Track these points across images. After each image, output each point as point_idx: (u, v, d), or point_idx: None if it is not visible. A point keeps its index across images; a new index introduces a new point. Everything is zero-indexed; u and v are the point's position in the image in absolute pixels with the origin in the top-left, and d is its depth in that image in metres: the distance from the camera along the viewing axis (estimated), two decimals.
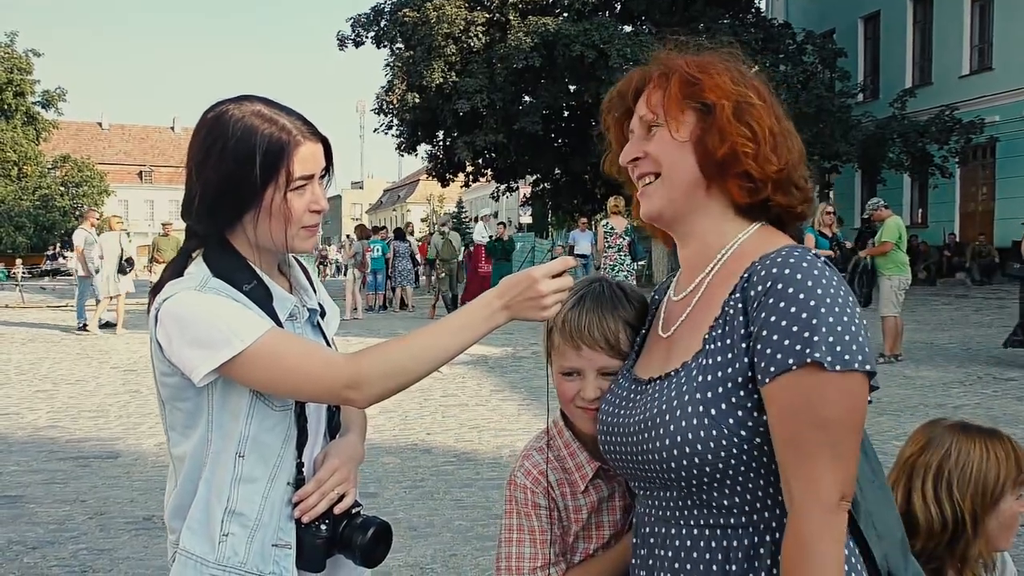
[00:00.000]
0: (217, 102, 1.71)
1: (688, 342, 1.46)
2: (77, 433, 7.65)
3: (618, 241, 13.39)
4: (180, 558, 1.68)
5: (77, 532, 5.07)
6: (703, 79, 1.46)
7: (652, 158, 1.50)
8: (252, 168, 1.62)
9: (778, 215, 1.50)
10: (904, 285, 11.86)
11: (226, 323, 1.57)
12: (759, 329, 1.31)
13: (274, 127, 1.66)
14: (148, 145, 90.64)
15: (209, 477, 1.67)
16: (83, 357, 12.56)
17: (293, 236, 1.69)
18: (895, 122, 24.71)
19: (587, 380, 1.64)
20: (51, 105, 53.15)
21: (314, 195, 1.70)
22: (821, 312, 1.26)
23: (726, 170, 1.44)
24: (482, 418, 8.03)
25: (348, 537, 1.68)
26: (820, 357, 1.24)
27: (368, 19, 27.60)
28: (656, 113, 1.49)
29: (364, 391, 1.58)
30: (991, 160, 25.94)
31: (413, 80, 25.46)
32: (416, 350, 1.60)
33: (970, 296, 20.00)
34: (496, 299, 1.59)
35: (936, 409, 7.69)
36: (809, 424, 1.26)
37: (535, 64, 23.81)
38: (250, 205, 1.66)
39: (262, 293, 1.69)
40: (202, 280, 1.65)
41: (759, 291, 1.33)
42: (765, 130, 1.44)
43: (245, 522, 1.65)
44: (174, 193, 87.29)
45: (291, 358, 1.58)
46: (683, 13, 25.40)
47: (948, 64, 27.18)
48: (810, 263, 1.32)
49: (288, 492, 1.68)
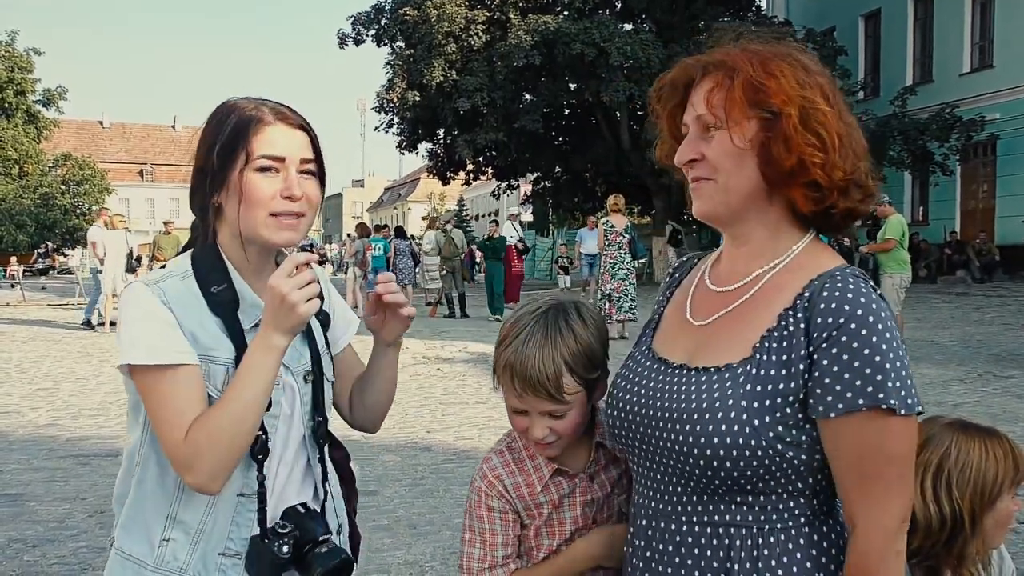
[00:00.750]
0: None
1: (729, 343, 1.44)
2: (78, 431, 7.65)
3: (618, 239, 13.39)
4: (116, 557, 1.66)
5: (77, 530, 5.07)
6: (769, 84, 1.39)
7: (710, 163, 1.44)
8: (215, 146, 1.62)
9: (839, 220, 1.47)
10: (905, 283, 11.86)
11: (134, 333, 1.57)
12: (828, 362, 1.33)
13: (247, 110, 1.64)
14: (149, 143, 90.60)
15: (143, 478, 1.64)
16: (84, 355, 12.56)
17: (258, 222, 1.61)
18: (896, 120, 24.70)
19: (534, 422, 1.63)
20: (52, 104, 53.17)
21: (287, 181, 1.62)
22: (890, 357, 1.32)
23: (793, 180, 1.40)
24: (482, 416, 8.03)
25: (309, 563, 1.62)
26: (894, 404, 1.31)
27: (369, 17, 27.62)
28: (717, 115, 1.42)
29: (198, 475, 1.53)
30: (992, 158, 25.91)
31: (414, 78, 25.48)
32: (235, 413, 1.53)
33: (971, 294, 19.99)
34: (263, 328, 1.56)
35: (936, 407, 7.68)
36: (879, 460, 1.34)
37: (535, 62, 23.82)
38: (217, 187, 1.63)
39: (228, 297, 1.64)
40: (162, 276, 1.64)
41: (828, 323, 1.34)
42: (833, 136, 1.40)
43: (187, 529, 1.61)
44: (175, 191, 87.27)
45: (162, 410, 1.55)
46: (684, 11, 25.41)
47: (949, 62, 27.15)
48: (872, 297, 1.35)
49: (241, 503, 1.63)
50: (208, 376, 1.59)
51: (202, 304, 1.62)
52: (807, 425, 1.36)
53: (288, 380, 1.68)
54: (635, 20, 27.21)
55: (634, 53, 23.06)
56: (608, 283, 13.49)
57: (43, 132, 53.72)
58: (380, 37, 27.78)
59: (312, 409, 1.73)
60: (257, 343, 1.56)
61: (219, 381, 1.59)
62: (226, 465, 1.54)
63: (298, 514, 1.66)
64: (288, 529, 1.62)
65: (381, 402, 1.91)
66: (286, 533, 1.61)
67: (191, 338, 1.58)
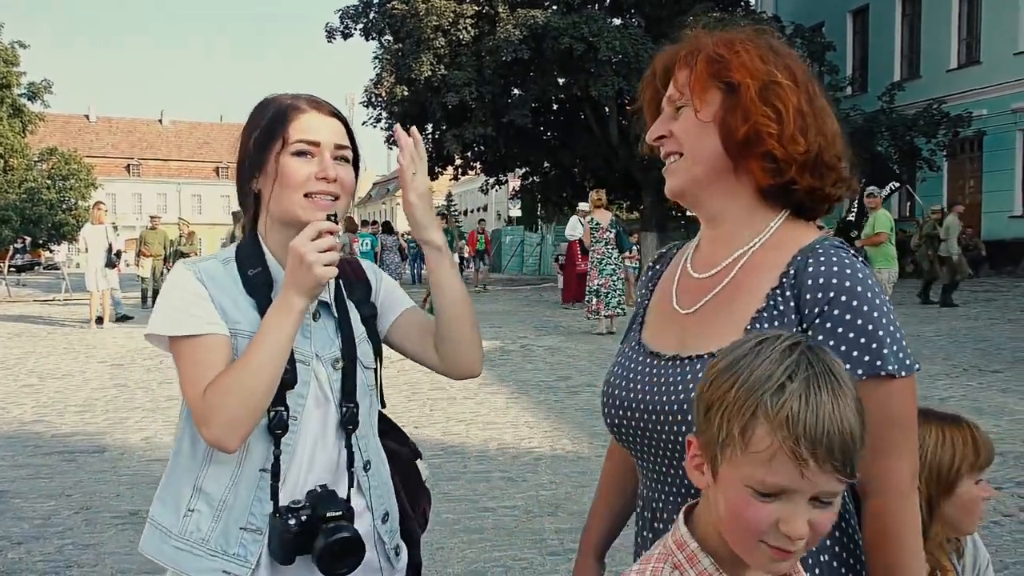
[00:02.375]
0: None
1: (719, 328, 1.44)
2: (63, 428, 7.62)
3: (604, 235, 13.41)
4: (149, 526, 1.74)
5: (63, 527, 5.05)
6: (729, 58, 1.44)
7: (676, 137, 1.50)
8: (254, 132, 1.73)
9: (804, 199, 1.48)
10: (893, 278, 11.93)
11: (169, 306, 1.69)
12: (823, 338, 1.35)
13: (284, 101, 1.75)
14: (136, 138, 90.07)
15: (178, 451, 1.74)
16: (69, 351, 12.49)
17: (295, 203, 1.69)
18: (883, 116, 24.80)
19: (797, 509, 1.10)
20: (37, 97, 52.74)
21: (322, 164, 1.70)
22: (883, 323, 1.35)
23: (748, 150, 1.43)
24: (469, 411, 8.03)
25: (314, 537, 1.65)
26: (892, 369, 1.34)
27: (357, 11, 27.53)
28: (682, 92, 1.48)
29: (213, 427, 1.58)
30: (978, 154, 26.03)
31: (402, 73, 25.40)
32: (250, 366, 1.60)
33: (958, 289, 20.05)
34: (282, 291, 1.65)
35: (922, 401, 7.62)
36: (884, 425, 1.34)
37: (524, 57, 23.78)
38: (256, 172, 1.73)
39: (262, 280, 1.72)
40: (203, 259, 1.76)
41: (819, 298, 1.36)
42: (791, 110, 1.42)
43: (211, 501, 1.67)
44: (162, 186, 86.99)
45: (188, 372, 1.65)
46: (673, 6, 25.38)
47: (936, 58, 27.25)
48: (857, 266, 1.38)
49: (263, 478, 1.67)
50: (236, 349, 1.66)
51: (238, 285, 1.72)
52: None
53: (316, 366, 1.73)
54: (624, 15, 27.18)
55: (623, 48, 23.05)
56: (596, 279, 13.53)
57: (28, 126, 53.25)
58: (368, 31, 27.68)
59: (342, 396, 1.76)
60: (276, 304, 1.65)
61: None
62: (242, 420, 1.59)
63: (315, 494, 1.70)
64: (300, 506, 1.66)
65: (457, 328, 1.82)
66: (298, 509, 1.65)
67: (221, 312, 1.68)
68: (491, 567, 4.41)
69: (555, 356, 11.50)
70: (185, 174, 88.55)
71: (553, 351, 11.93)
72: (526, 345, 12.58)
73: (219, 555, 1.65)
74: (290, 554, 1.65)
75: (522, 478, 5.95)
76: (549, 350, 12.04)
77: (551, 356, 11.50)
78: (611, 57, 23.17)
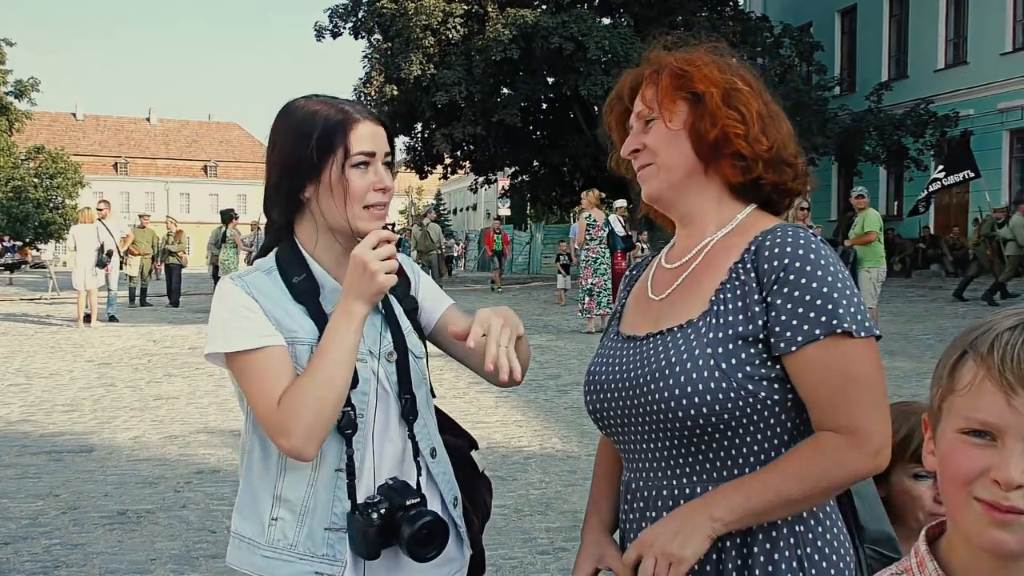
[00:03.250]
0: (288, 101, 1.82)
1: (688, 303, 1.54)
2: (51, 427, 7.58)
3: (599, 233, 13.41)
4: (233, 540, 1.76)
5: (50, 527, 5.02)
6: (692, 71, 1.56)
7: (649, 148, 1.59)
8: (309, 143, 1.71)
9: (771, 194, 1.60)
10: (881, 277, 11.97)
11: (222, 322, 1.70)
12: (782, 302, 1.42)
13: (333, 109, 1.75)
14: (124, 136, 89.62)
15: (249, 464, 1.76)
16: (57, 351, 12.43)
17: (355, 215, 1.72)
18: (871, 115, 24.90)
19: (1011, 451, 0.96)
20: (24, 95, 52.44)
21: (377, 175, 1.74)
22: (837, 287, 1.41)
23: (719, 151, 1.54)
24: (459, 411, 8.02)
25: (398, 526, 1.68)
26: (848, 327, 1.39)
27: (346, 10, 27.48)
28: (651, 107, 1.58)
29: (292, 438, 1.61)
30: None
31: (391, 72, 25.37)
32: (321, 376, 1.63)
33: (944, 288, 20.17)
34: (343, 298, 1.67)
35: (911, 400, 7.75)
36: (845, 380, 1.39)
37: (513, 56, 23.77)
38: (309, 181, 1.73)
39: (309, 286, 1.75)
40: (247, 271, 1.77)
41: (775, 266, 1.44)
42: (753, 113, 1.54)
43: (293, 507, 1.70)
44: (150, 185, 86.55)
45: (254, 385, 1.67)
46: (661, 6, 25.45)
47: (923, 58, 27.38)
48: (811, 240, 1.47)
49: (339, 478, 1.70)
50: (295, 357, 1.69)
51: (286, 294, 1.74)
52: (772, 363, 1.43)
53: (372, 363, 1.76)
54: (613, 14, 27.22)
55: (612, 47, 23.07)
56: (590, 278, 13.52)
57: (15, 124, 52.94)
58: (358, 30, 27.64)
59: (399, 388, 1.80)
60: (338, 311, 1.67)
61: (304, 360, 1.69)
62: (318, 428, 1.62)
63: (389, 487, 1.73)
64: (377, 500, 1.69)
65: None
66: (375, 504, 1.68)
67: (275, 322, 1.69)
68: None
69: (544, 355, 11.51)
70: (173, 172, 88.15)
71: (543, 350, 11.94)
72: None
73: (308, 558, 1.68)
74: (375, 549, 1.68)
75: (512, 477, 5.95)
76: (538, 349, 12.05)
77: (540, 355, 11.50)
78: (600, 56, 23.19)
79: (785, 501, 1.40)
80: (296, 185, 1.74)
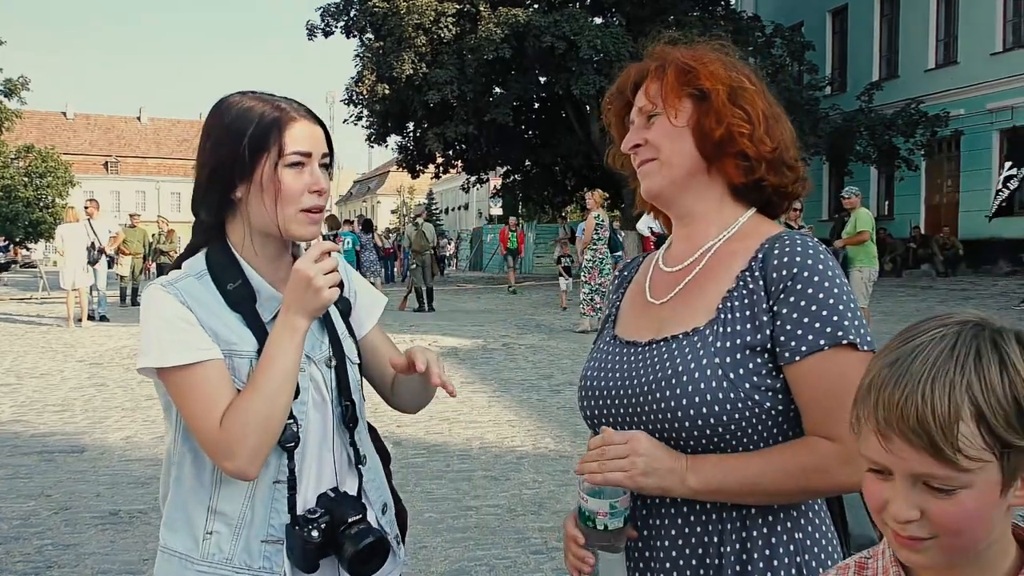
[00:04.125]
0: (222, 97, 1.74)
1: (692, 310, 1.51)
2: (42, 427, 7.55)
3: (605, 234, 13.39)
4: (163, 555, 1.69)
5: (42, 527, 5.01)
6: (698, 67, 1.53)
7: (652, 144, 1.56)
8: (242, 140, 1.63)
9: (771, 196, 1.58)
10: (873, 277, 12.00)
11: (156, 334, 1.60)
12: (788, 311, 1.42)
13: (269, 106, 1.68)
14: (114, 135, 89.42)
15: (180, 477, 1.69)
16: (48, 351, 12.38)
17: (289, 218, 1.65)
18: (862, 115, 24.97)
19: (896, 490, 1.01)
20: (14, 94, 52.13)
21: (313, 176, 1.67)
22: (843, 300, 1.41)
23: (723, 150, 1.52)
24: (452, 410, 8.02)
25: (340, 544, 1.64)
26: (853, 339, 1.39)
27: (338, 8, 27.43)
28: (655, 103, 1.55)
29: (237, 460, 1.56)
30: (956, 153, 26.26)
31: (383, 71, 25.33)
32: (265, 393, 1.57)
33: (935, 288, 20.25)
34: (284, 312, 1.61)
35: None
36: (845, 391, 1.32)
37: (505, 55, 23.76)
38: (240, 180, 1.65)
39: (245, 293, 1.67)
40: (177, 277, 1.67)
41: (783, 275, 1.43)
42: (759, 112, 1.53)
43: (229, 521, 1.64)
44: (140, 184, 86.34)
45: (193, 404, 1.59)
46: (653, 5, 25.46)
47: (914, 58, 27.47)
48: (819, 250, 1.46)
49: (277, 490, 1.65)
50: (233, 369, 1.62)
51: (220, 301, 1.65)
52: (777, 373, 1.43)
53: (311, 369, 1.71)
54: (605, 13, 27.21)
55: (604, 46, 23.08)
56: (596, 278, 13.37)
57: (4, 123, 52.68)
58: (349, 29, 27.60)
59: (338, 394, 1.76)
60: (280, 326, 1.61)
61: (243, 373, 1.63)
62: (263, 448, 1.58)
63: (329, 499, 1.69)
64: (318, 514, 1.65)
65: (422, 398, 1.98)
66: (315, 518, 1.64)
67: (212, 334, 1.61)
68: (475, 566, 4.41)
69: (537, 355, 11.52)
70: (164, 171, 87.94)
71: (535, 349, 11.94)
72: (508, 344, 12.59)
73: (244, 570, 1.64)
74: (314, 563, 1.64)
75: (505, 477, 5.95)
76: (531, 348, 12.06)
77: (533, 355, 11.51)
78: (592, 56, 23.19)
79: (759, 489, 1.40)
80: (227, 184, 1.66)
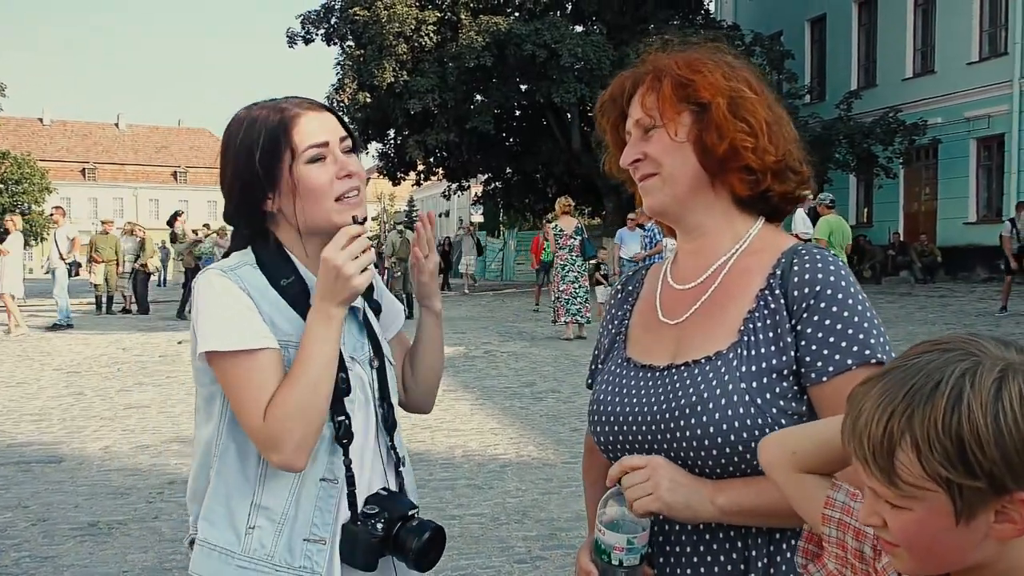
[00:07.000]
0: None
1: (711, 332, 1.46)
2: (18, 437, 7.46)
3: (569, 242, 13.46)
4: (202, 549, 1.67)
5: (19, 539, 4.93)
6: (695, 79, 1.48)
7: (652, 159, 1.51)
8: (255, 153, 1.63)
9: (778, 203, 1.55)
10: None
11: (217, 318, 1.59)
12: (812, 330, 1.38)
13: (271, 111, 1.67)
14: (91, 142, 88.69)
15: (222, 470, 1.66)
16: (24, 358, 12.24)
17: (328, 211, 1.64)
18: (841, 123, 25.14)
19: (865, 493, 1.08)
20: None
21: (338, 163, 1.66)
22: (867, 316, 1.39)
23: (727, 165, 1.47)
24: (434, 418, 7.97)
25: (403, 539, 1.64)
26: (881, 357, 1.36)
27: (318, 16, 27.40)
28: (652, 116, 1.50)
29: (283, 452, 1.55)
30: (934, 161, 26.47)
31: (364, 79, 25.32)
32: (306, 383, 1.56)
33: (914, 294, 20.40)
34: (318, 302, 1.60)
35: None
36: None
37: (487, 63, 23.83)
38: (267, 191, 1.65)
39: (299, 289, 1.67)
40: (236, 264, 1.67)
41: (805, 293, 1.40)
42: (761, 122, 1.48)
43: (272, 516, 1.63)
44: (118, 191, 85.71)
45: (243, 391, 1.58)
46: (634, 14, 25.62)
47: (892, 67, 27.69)
48: (839, 265, 1.44)
49: (323, 488, 1.64)
50: (288, 362, 1.61)
51: (275, 293, 1.65)
52: (802, 396, 1.40)
53: (357, 370, 1.70)
54: (586, 22, 27.34)
55: (585, 55, 23.17)
56: (559, 285, 13.59)
57: None
58: (330, 37, 27.57)
59: (380, 396, 1.75)
60: (315, 316, 1.59)
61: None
62: (309, 439, 1.57)
63: (382, 497, 1.69)
64: (376, 510, 1.65)
65: (430, 377, 1.96)
66: (375, 514, 1.64)
67: (270, 323, 1.62)
68: (458, 575, 4.38)
69: (519, 362, 11.50)
70: (142, 178, 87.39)
71: (517, 357, 11.93)
72: (490, 351, 12.56)
73: (285, 569, 1.62)
74: (374, 560, 1.64)
75: (488, 485, 5.93)
76: (513, 356, 12.04)
77: (516, 362, 11.49)
78: (573, 64, 23.28)
79: (790, 512, 1.31)
80: (255, 199, 1.67)
